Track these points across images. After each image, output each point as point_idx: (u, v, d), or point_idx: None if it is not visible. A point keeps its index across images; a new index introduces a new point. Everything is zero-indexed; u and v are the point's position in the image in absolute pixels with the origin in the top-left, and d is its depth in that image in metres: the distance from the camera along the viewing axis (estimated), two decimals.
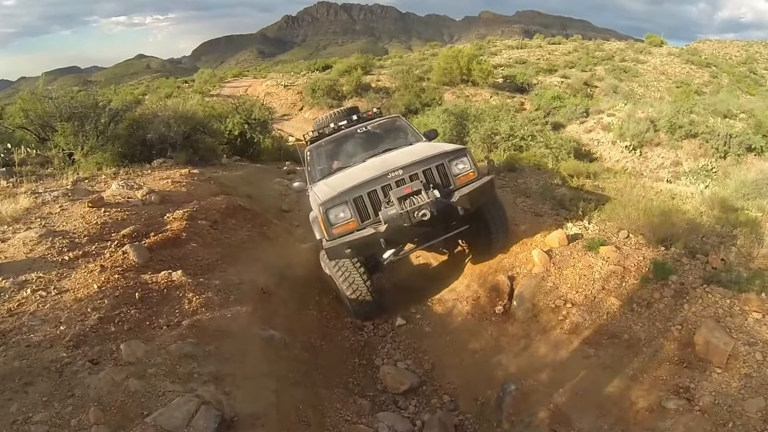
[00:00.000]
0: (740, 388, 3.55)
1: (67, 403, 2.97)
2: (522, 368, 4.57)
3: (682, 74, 37.54)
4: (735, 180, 8.49)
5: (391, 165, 5.39)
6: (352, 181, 5.36)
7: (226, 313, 4.56)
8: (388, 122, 7.60)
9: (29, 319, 3.77)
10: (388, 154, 6.35)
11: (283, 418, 3.51)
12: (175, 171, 9.27)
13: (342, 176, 5.99)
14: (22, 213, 5.92)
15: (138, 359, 3.52)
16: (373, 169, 5.57)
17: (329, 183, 5.89)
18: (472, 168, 5.48)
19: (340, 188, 5.29)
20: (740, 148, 14.13)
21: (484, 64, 28.33)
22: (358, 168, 6.13)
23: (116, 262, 4.95)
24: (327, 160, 7.01)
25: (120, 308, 4.15)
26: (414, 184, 5.05)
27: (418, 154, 5.68)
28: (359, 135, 7.20)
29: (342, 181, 5.58)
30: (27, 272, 4.53)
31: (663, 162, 14.56)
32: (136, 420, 2.95)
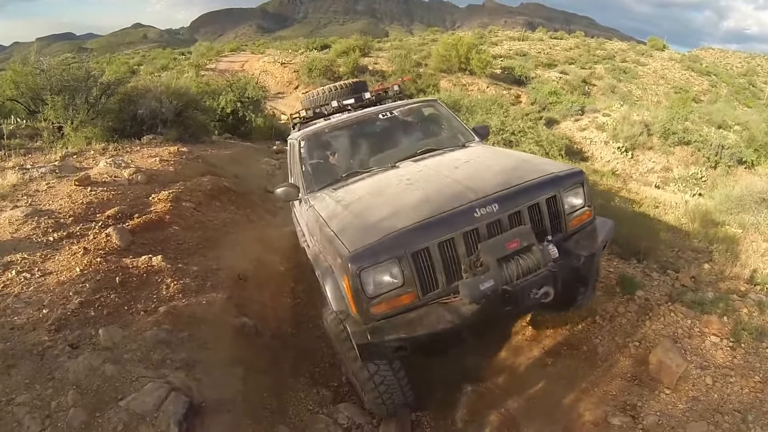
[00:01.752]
0: (685, 410, 3.67)
1: (47, 386, 3.22)
2: (482, 371, 4.77)
3: (682, 80, 37.73)
4: (720, 194, 8.72)
5: (465, 186, 3.54)
6: (403, 216, 3.35)
7: (201, 300, 4.81)
8: (423, 108, 5.69)
9: (13, 302, 4.00)
10: (433, 160, 4.43)
11: (248, 405, 3.79)
12: (164, 148, 9.41)
13: (369, 194, 3.97)
14: (9, 190, 6.09)
15: (115, 344, 3.77)
16: (427, 187, 3.71)
17: (350, 206, 3.79)
18: (588, 202, 3.79)
19: (384, 229, 3.25)
20: (731, 160, 14.45)
21: (483, 54, 28.39)
22: (391, 181, 4.09)
23: (99, 244, 5.17)
24: (332, 158, 5.15)
25: (101, 292, 4.39)
26: (522, 234, 3.25)
27: (505, 171, 3.80)
28: (381, 123, 5.21)
29: (375, 208, 3.62)
30: (12, 253, 4.74)
31: (654, 166, 14.86)
32: (110, 403, 3.21)
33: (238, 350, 4.40)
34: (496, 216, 3.31)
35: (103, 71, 11.06)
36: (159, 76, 16.38)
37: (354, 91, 6.25)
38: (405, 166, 4.43)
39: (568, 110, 18.99)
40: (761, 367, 3.94)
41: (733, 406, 3.64)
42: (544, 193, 3.54)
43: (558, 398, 4.20)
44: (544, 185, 3.58)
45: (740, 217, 7.47)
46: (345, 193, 4.13)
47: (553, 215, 3.58)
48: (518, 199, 3.43)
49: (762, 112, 21.42)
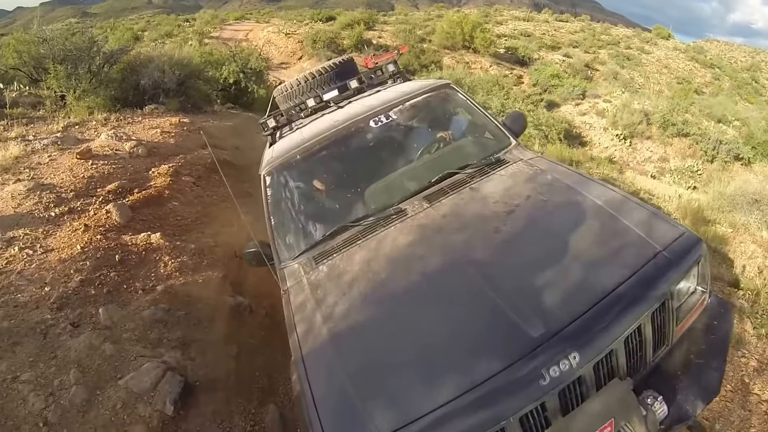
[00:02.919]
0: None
1: (50, 364, 3.42)
2: None
3: (685, 71, 37.16)
4: (714, 190, 8.76)
5: (520, 306, 2.12)
6: (422, 390, 1.99)
7: (198, 279, 4.98)
8: (432, 99, 4.01)
9: (17, 279, 4.17)
10: (456, 208, 2.95)
11: (240, 384, 4.00)
12: (165, 119, 9.47)
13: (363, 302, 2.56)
14: (12, 162, 6.21)
15: (114, 323, 3.96)
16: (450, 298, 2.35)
17: (337, 331, 2.44)
18: (705, 282, 2.45)
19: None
20: (728, 156, 14.42)
21: (487, 33, 28.10)
22: (398, 267, 2.69)
23: (99, 221, 5.31)
24: (309, 206, 3.63)
25: (101, 270, 4.56)
26: (621, 404, 2.01)
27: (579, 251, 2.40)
28: (375, 134, 3.76)
29: (373, 355, 2.26)
30: (15, 228, 4.89)
31: (651, 156, 14.85)
32: (110, 382, 3.41)
33: (231, 329, 4.59)
34: (575, 372, 1.94)
35: (107, 38, 11.00)
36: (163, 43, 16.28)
37: (338, 76, 5.08)
38: (416, 216, 2.98)
39: (570, 94, 18.90)
40: (733, 376, 4.13)
41: None
42: (652, 301, 2.13)
43: None
44: (652, 284, 2.17)
45: (732, 216, 7.48)
46: (329, 283, 2.76)
47: (658, 328, 2.21)
48: (612, 330, 2.02)
49: (763, 109, 21.25)
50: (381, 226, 3.05)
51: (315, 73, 5.29)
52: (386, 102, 3.91)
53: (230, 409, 3.72)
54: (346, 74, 5.10)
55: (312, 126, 4.17)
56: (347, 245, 3.01)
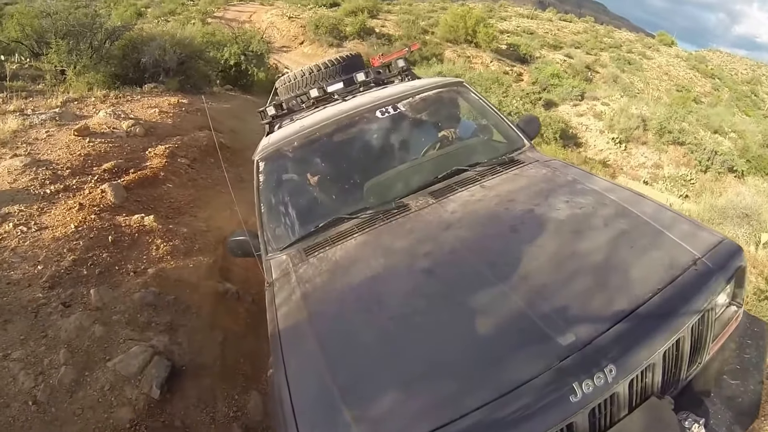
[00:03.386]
0: None
1: (41, 343, 3.51)
2: None
3: (685, 79, 37.24)
4: (705, 201, 8.84)
5: (539, 305, 1.90)
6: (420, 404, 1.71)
7: (189, 263, 5.06)
8: (443, 96, 3.82)
9: (10, 256, 4.24)
10: (465, 202, 2.73)
11: (225, 370, 4.11)
12: (164, 99, 9.49)
13: (357, 299, 2.30)
14: (10, 136, 6.24)
15: (104, 305, 4.04)
16: (460, 299, 2.07)
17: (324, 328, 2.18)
18: (741, 296, 2.28)
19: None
20: (722, 167, 14.55)
21: (490, 28, 28.16)
22: (398, 264, 2.43)
23: (94, 200, 5.37)
24: (303, 196, 3.47)
25: (93, 251, 4.63)
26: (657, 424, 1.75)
27: (607, 253, 2.17)
28: (380, 125, 3.53)
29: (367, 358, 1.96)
30: (10, 204, 4.95)
31: (645, 161, 14.98)
32: (99, 363, 3.51)
33: (219, 315, 4.68)
34: (610, 388, 1.69)
35: (110, 14, 10.96)
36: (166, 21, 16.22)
37: (344, 70, 4.98)
38: (420, 212, 2.75)
39: (568, 94, 19.01)
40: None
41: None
42: (694, 312, 1.91)
43: None
44: (693, 293, 1.94)
45: (721, 228, 7.55)
46: (320, 278, 2.49)
47: (695, 343, 2.00)
48: (654, 341, 1.79)
49: (760, 122, 21.38)
50: (380, 220, 2.80)
51: (320, 66, 5.13)
52: (395, 94, 3.66)
53: (214, 395, 3.82)
54: (353, 69, 4.81)
55: (313, 116, 3.87)
56: (342, 238, 2.75)
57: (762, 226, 7.44)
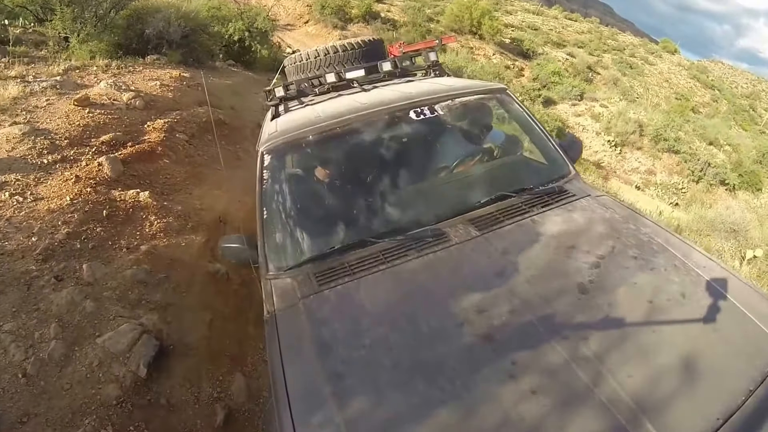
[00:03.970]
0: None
1: (32, 316, 3.58)
2: None
3: (685, 88, 37.21)
4: (695, 213, 8.92)
5: None
6: None
7: (181, 242, 5.13)
8: (484, 102, 3.39)
9: (5, 226, 4.29)
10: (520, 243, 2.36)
11: (211, 351, 4.19)
12: (166, 71, 9.44)
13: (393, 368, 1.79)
14: (10, 103, 6.23)
15: (96, 280, 4.11)
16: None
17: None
18: None
19: None
20: (714, 179, 14.66)
21: (495, 21, 28.07)
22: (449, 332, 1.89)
23: (91, 173, 5.40)
24: (316, 204, 2.95)
25: (87, 224, 4.69)
26: None
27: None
28: (413, 128, 3.08)
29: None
30: (7, 173, 4.98)
31: (639, 167, 15.07)
32: (88, 339, 3.59)
33: (208, 296, 4.76)
34: None
35: None
36: None
37: (365, 56, 4.53)
38: (463, 246, 2.35)
39: (568, 93, 19.08)
40: None
41: None
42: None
43: None
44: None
45: (708, 240, 7.63)
46: (340, 324, 2.04)
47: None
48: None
49: (756, 138, 21.48)
50: (413, 249, 2.36)
51: (338, 48, 4.57)
52: (431, 93, 3.16)
53: (199, 375, 3.91)
54: (374, 56, 4.48)
55: (330, 104, 3.41)
56: (365, 268, 2.29)
57: (748, 242, 7.55)
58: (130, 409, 3.36)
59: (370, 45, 4.68)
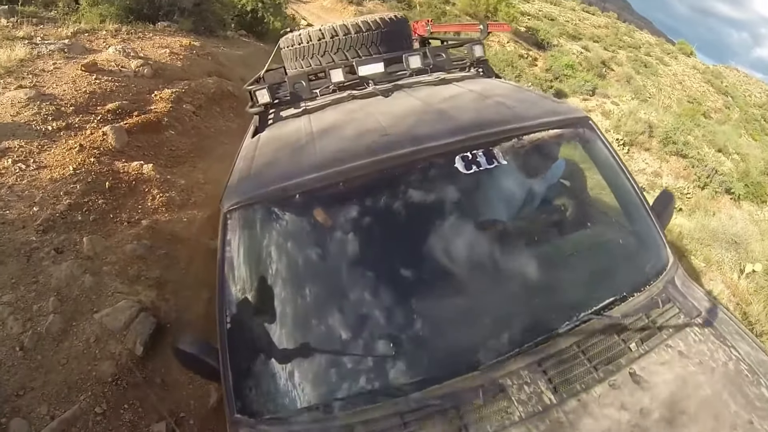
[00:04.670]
0: None
1: (31, 289, 3.58)
2: None
3: (698, 92, 36.32)
4: (698, 221, 8.84)
5: None
6: None
7: (183, 217, 5.11)
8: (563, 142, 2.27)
9: (7, 194, 4.27)
10: (626, 417, 1.51)
11: (208, 330, 4.17)
12: (176, 39, 9.29)
13: None
14: (16, 65, 6.15)
15: (96, 254, 4.11)
16: None
17: None
18: None
19: None
20: (720, 187, 14.41)
21: (512, 8, 27.48)
22: None
23: (95, 142, 5.36)
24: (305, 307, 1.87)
25: (89, 196, 4.67)
26: None
27: None
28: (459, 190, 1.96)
29: None
30: (11, 138, 4.94)
31: (645, 168, 14.83)
32: (86, 315, 3.60)
33: (206, 273, 4.72)
34: None
35: None
36: None
37: (384, 39, 3.47)
38: (537, 420, 1.53)
39: (580, 87, 18.79)
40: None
41: None
42: None
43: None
44: None
45: (708, 250, 7.58)
46: None
47: None
48: None
49: (765, 149, 21.08)
50: (455, 418, 1.53)
51: (350, 27, 3.45)
52: (485, 122, 2.11)
53: None
54: (395, 40, 3.54)
55: (334, 116, 2.53)
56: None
57: (749, 255, 7.50)
58: (125, 387, 3.39)
59: (391, 25, 3.53)
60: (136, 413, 3.32)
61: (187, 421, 3.53)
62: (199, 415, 3.61)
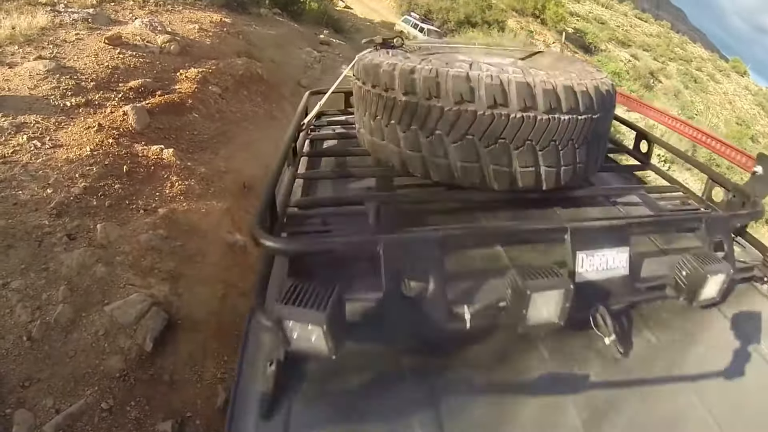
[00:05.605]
0: None
1: (41, 276, 3.45)
2: None
3: (749, 114, 35.11)
4: None
5: None
6: None
7: (201, 208, 4.95)
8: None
9: (20, 173, 4.12)
10: None
11: (219, 328, 4.06)
12: (207, 14, 9.12)
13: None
14: (37, 33, 5.99)
15: (110, 243, 3.96)
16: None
17: None
18: None
19: None
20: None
21: (560, 8, 26.77)
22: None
23: (114, 122, 5.20)
24: None
25: (106, 180, 4.51)
26: None
27: None
28: None
29: None
30: (27, 113, 4.78)
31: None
32: (96, 306, 3.46)
33: (223, 268, 4.61)
34: None
35: None
36: None
37: (582, 141, 1.64)
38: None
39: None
40: None
41: None
42: None
43: None
44: None
45: None
46: None
47: None
48: None
49: None
50: None
51: (560, 97, 1.53)
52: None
53: (205, 353, 3.79)
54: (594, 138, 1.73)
55: None
56: None
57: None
58: (133, 383, 3.26)
59: (602, 105, 1.68)
60: (142, 411, 3.20)
61: (193, 420, 3.40)
62: (206, 415, 3.48)
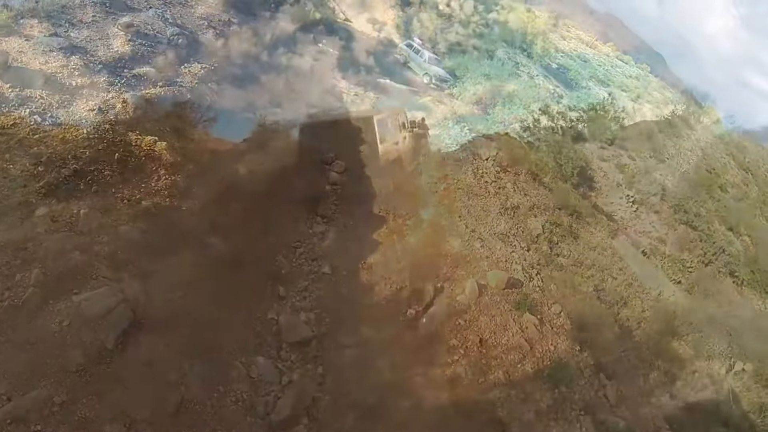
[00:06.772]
0: None
1: (18, 255, 3.50)
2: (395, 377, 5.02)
3: (719, 163, 36.12)
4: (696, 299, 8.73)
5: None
6: None
7: (182, 205, 4.99)
8: None
9: (16, 146, 4.18)
10: None
11: (184, 331, 4.11)
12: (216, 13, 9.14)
13: None
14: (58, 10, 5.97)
15: (90, 230, 4.03)
16: None
17: None
18: None
19: None
20: (725, 268, 13.98)
21: (548, 44, 27.41)
22: None
23: (114, 107, 5.26)
24: None
25: (97, 164, 4.56)
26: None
27: None
28: None
29: None
30: (33, 87, 4.83)
31: (651, 231, 14.54)
32: (66, 294, 3.53)
33: (196, 271, 4.63)
34: None
35: None
36: None
37: None
38: None
39: (601, 134, 18.57)
40: None
41: None
42: None
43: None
44: None
45: (698, 337, 7.50)
46: None
47: None
48: None
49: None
50: None
51: None
52: None
53: (164, 356, 3.84)
54: None
55: None
56: None
57: (741, 351, 7.37)
58: (89, 379, 3.32)
59: None
60: (92, 410, 3.25)
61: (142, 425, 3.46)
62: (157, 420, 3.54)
